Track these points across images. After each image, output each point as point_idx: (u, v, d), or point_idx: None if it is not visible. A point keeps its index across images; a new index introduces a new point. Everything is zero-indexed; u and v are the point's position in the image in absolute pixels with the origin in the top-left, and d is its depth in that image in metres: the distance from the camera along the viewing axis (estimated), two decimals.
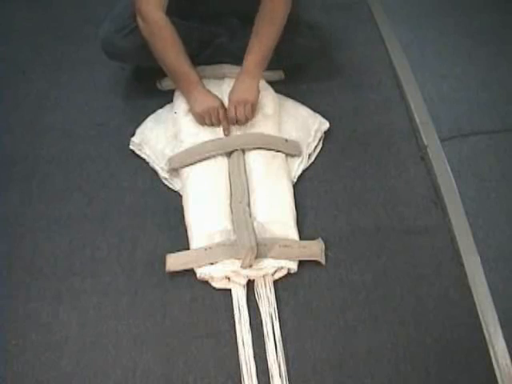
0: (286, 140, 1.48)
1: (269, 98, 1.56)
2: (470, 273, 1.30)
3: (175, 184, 1.45)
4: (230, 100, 1.49)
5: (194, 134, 1.47)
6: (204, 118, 1.47)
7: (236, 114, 1.46)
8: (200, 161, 1.42)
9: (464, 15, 2.05)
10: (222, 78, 1.63)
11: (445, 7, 2.09)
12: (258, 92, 1.50)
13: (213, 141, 1.44)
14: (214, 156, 1.42)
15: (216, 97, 1.50)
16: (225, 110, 1.48)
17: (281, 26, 1.46)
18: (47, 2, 2.05)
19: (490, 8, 2.07)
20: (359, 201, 1.43)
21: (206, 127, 1.48)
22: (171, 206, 1.41)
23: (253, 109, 1.48)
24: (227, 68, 1.64)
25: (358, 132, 1.59)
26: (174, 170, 1.44)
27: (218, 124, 1.48)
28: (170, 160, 1.44)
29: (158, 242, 1.35)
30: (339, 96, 1.69)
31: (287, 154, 1.47)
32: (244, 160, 1.44)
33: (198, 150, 1.43)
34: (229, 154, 1.45)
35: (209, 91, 1.49)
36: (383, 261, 1.32)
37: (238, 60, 1.61)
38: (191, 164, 1.42)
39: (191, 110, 1.48)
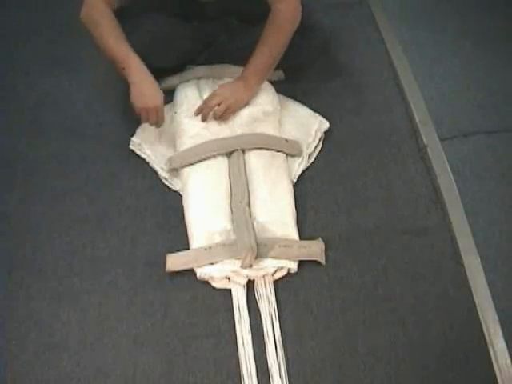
0: (287, 140, 1.48)
1: (269, 97, 1.55)
2: (469, 273, 1.30)
3: (175, 184, 1.45)
4: (218, 88, 1.48)
5: (194, 134, 1.46)
6: (141, 114, 1.41)
7: (213, 105, 1.44)
8: (200, 161, 1.41)
9: (464, 15, 2.05)
10: (221, 77, 1.63)
11: (445, 7, 2.09)
12: (246, 103, 1.49)
13: (213, 141, 1.44)
14: (214, 156, 1.42)
15: (156, 91, 1.40)
16: (162, 109, 1.42)
17: (286, 40, 1.45)
18: (47, 2, 2.04)
19: (489, 8, 2.07)
20: (359, 201, 1.43)
21: (206, 127, 1.48)
22: (171, 206, 1.41)
23: (228, 109, 1.45)
24: (226, 68, 1.64)
25: (358, 132, 1.59)
26: (174, 170, 1.44)
27: (152, 124, 1.43)
28: (170, 160, 1.44)
29: (158, 242, 1.35)
30: (339, 96, 1.69)
31: (287, 154, 1.47)
32: (244, 160, 1.44)
33: (198, 150, 1.43)
34: (229, 154, 1.45)
35: (151, 82, 1.39)
36: (383, 261, 1.32)
37: (237, 60, 1.61)
38: (191, 164, 1.42)
39: (132, 103, 1.41)
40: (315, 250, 1.29)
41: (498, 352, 1.18)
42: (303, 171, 1.48)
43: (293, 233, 1.32)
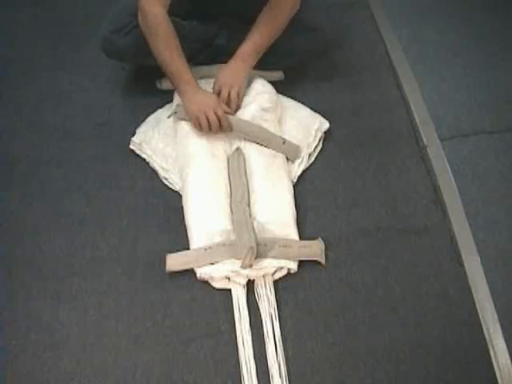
0: (284, 142, 1.46)
1: (269, 95, 1.56)
2: (469, 273, 1.30)
3: (175, 184, 1.45)
4: (214, 83, 1.49)
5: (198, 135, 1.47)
6: (199, 119, 1.41)
7: (226, 97, 1.46)
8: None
9: (464, 15, 2.05)
10: None
11: (445, 7, 2.09)
12: (244, 78, 1.49)
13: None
14: (213, 154, 1.42)
15: (209, 96, 1.46)
16: (220, 108, 1.44)
17: (284, 20, 1.47)
18: (47, 3, 2.05)
19: (489, 8, 2.07)
20: (359, 201, 1.43)
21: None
22: (171, 206, 1.41)
23: (239, 94, 1.47)
24: None
25: (358, 132, 1.59)
26: (176, 169, 1.44)
27: (215, 127, 1.42)
28: (178, 107, 1.47)
29: (158, 242, 1.35)
30: (339, 96, 1.69)
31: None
32: (244, 160, 1.44)
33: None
34: (230, 149, 1.45)
35: (204, 91, 1.47)
36: (383, 261, 1.32)
37: None
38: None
39: (186, 111, 1.45)
40: (315, 249, 1.29)
41: (498, 352, 1.18)
42: (303, 171, 1.48)
43: (293, 233, 1.32)
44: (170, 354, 1.18)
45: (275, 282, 1.27)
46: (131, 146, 1.53)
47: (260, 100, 1.52)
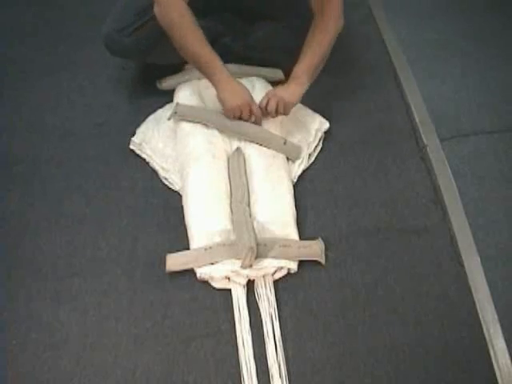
0: (285, 142, 1.47)
1: None
2: (469, 273, 1.30)
3: (175, 184, 1.45)
4: (269, 91, 1.46)
5: (194, 134, 1.47)
6: (234, 112, 1.42)
7: (267, 105, 1.42)
8: (199, 122, 1.46)
9: (464, 16, 2.05)
10: None
11: (445, 7, 2.09)
12: (299, 98, 1.45)
13: (218, 116, 1.46)
14: (213, 155, 1.42)
15: (244, 88, 1.44)
16: (255, 104, 1.44)
17: (331, 38, 1.44)
18: (47, 2, 2.05)
19: (489, 9, 2.07)
20: (359, 201, 1.43)
21: (206, 128, 1.48)
22: (171, 205, 1.41)
23: (286, 108, 1.43)
24: (232, 68, 1.63)
25: (358, 132, 1.59)
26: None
27: (248, 118, 1.45)
28: (178, 107, 1.48)
29: (158, 242, 1.35)
30: (339, 96, 1.69)
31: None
32: (244, 160, 1.44)
33: (204, 115, 1.47)
34: (230, 147, 1.46)
35: (236, 80, 1.44)
36: (383, 261, 1.32)
37: (241, 59, 1.61)
38: (191, 121, 1.47)
39: (222, 102, 1.43)
40: (315, 249, 1.29)
41: (498, 352, 1.18)
42: (303, 171, 1.48)
43: (293, 233, 1.32)
44: (170, 353, 1.18)
45: (275, 282, 1.27)
46: (131, 146, 1.53)
47: (260, 98, 1.52)
